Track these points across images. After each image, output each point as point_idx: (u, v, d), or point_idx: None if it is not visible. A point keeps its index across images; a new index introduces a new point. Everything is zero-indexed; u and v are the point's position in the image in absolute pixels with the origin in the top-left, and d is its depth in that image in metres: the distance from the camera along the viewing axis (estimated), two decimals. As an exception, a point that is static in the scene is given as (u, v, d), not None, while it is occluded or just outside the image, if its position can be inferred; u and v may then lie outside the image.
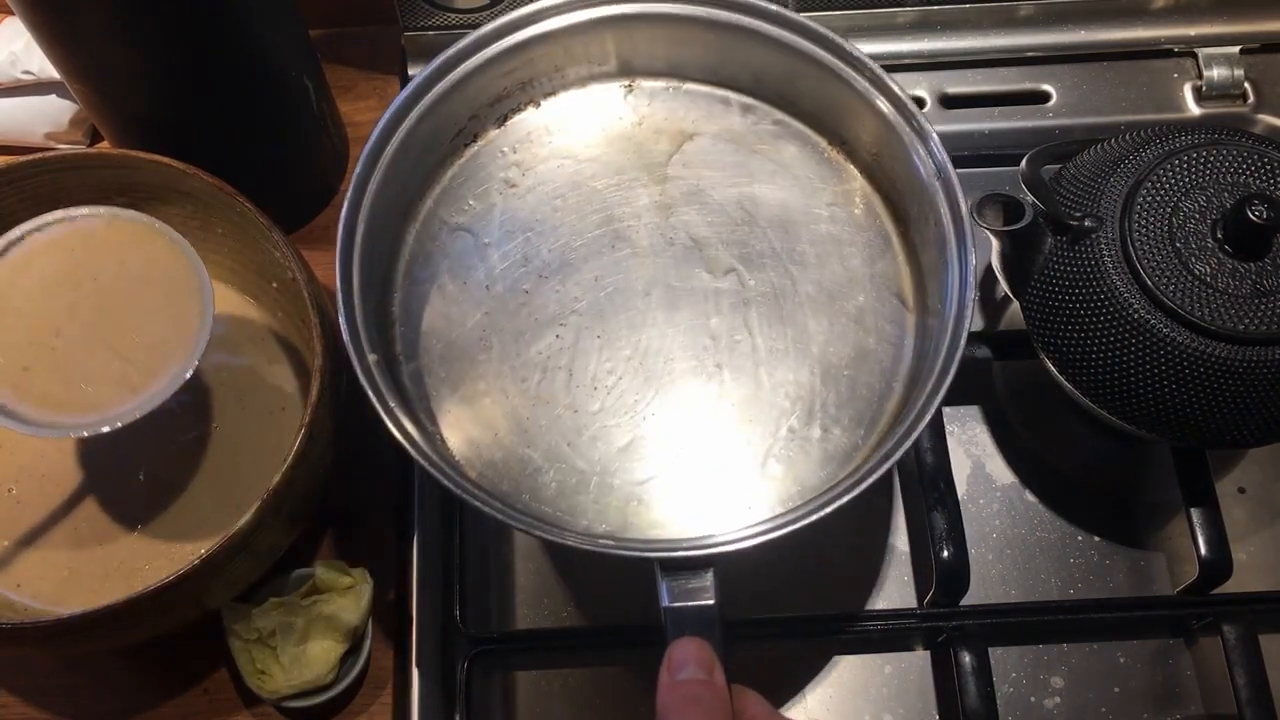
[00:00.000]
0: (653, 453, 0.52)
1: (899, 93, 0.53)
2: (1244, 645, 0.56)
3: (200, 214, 0.59)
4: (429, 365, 0.53)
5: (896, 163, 0.55)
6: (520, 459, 0.51)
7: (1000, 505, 0.63)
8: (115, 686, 0.59)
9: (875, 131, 0.55)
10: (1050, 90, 0.73)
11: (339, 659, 0.55)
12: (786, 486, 0.51)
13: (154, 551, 0.57)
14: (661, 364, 0.53)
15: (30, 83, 0.69)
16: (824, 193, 0.57)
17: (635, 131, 0.58)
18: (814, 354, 0.53)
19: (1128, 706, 0.58)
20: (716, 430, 0.52)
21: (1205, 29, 0.73)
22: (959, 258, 0.51)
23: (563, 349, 0.53)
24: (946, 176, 0.52)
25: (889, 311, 0.54)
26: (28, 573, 0.57)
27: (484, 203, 0.57)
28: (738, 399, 0.53)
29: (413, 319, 0.54)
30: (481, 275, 0.55)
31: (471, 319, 0.54)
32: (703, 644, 0.42)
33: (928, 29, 0.73)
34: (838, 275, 0.55)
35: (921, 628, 0.59)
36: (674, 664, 0.41)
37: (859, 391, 0.53)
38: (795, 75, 0.57)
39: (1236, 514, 0.62)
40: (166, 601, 0.50)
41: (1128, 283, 0.53)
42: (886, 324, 0.54)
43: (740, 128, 0.58)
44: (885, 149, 0.55)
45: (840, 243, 0.56)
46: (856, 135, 0.57)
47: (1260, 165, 0.54)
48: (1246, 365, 0.51)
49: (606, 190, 0.57)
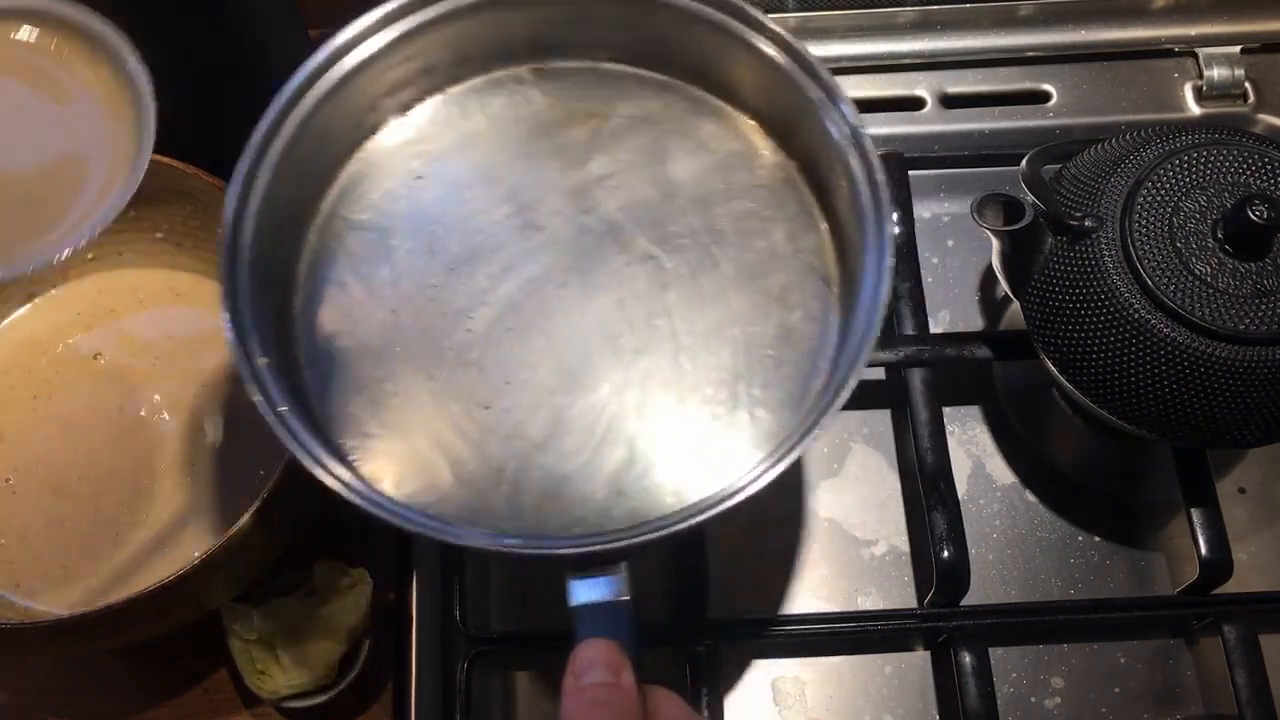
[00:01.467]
0: (570, 446, 0.49)
1: (809, 58, 0.51)
2: (1244, 645, 0.56)
3: (200, 214, 0.59)
4: (333, 368, 0.50)
5: (813, 135, 0.52)
6: (429, 460, 0.49)
7: (1000, 505, 0.63)
8: (115, 687, 0.59)
9: (789, 102, 0.53)
10: (1050, 90, 0.73)
11: (339, 659, 0.55)
12: (713, 473, 0.48)
13: (150, 552, 0.57)
14: (577, 353, 0.51)
15: (30, 82, 0.69)
16: (743, 169, 0.55)
17: (547, 115, 0.55)
18: (736, 336, 0.51)
19: (1128, 707, 0.58)
20: (637, 419, 0.50)
21: (1206, 29, 0.73)
22: (876, 226, 0.48)
23: (473, 343, 0.51)
24: (859, 141, 0.49)
25: (813, 288, 0.52)
26: (26, 572, 0.57)
27: (388, 197, 0.54)
28: (657, 386, 0.50)
29: (315, 321, 0.51)
30: (387, 272, 0.52)
31: (377, 317, 0.51)
32: (610, 644, 0.40)
33: (928, 29, 0.73)
34: (760, 253, 0.53)
35: (921, 628, 0.59)
36: (578, 667, 0.40)
37: (784, 371, 0.50)
38: (709, 50, 0.54)
39: (1237, 514, 0.62)
40: (166, 602, 0.50)
41: (1128, 283, 0.53)
42: (811, 300, 0.52)
43: (656, 107, 0.56)
44: (800, 120, 0.53)
45: (762, 219, 0.53)
46: (773, 108, 0.55)
47: (1261, 165, 0.54)
48: (1247, 365, 0.51)
49: (517, 178, 0.54)
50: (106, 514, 0.58)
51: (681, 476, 0.49)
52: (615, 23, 0.55)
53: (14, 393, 0.61)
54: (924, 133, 0.71)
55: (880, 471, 0.64)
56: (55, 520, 0.58)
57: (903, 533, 0.62)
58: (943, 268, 0.69)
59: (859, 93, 0.72)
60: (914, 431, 0.60)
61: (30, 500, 0.59)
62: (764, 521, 0.62)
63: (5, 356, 0.63)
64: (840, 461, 0.64)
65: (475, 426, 0.49)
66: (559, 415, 0.50)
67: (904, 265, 0.64)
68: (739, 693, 0.58)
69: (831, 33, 0.72)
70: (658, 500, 0.48)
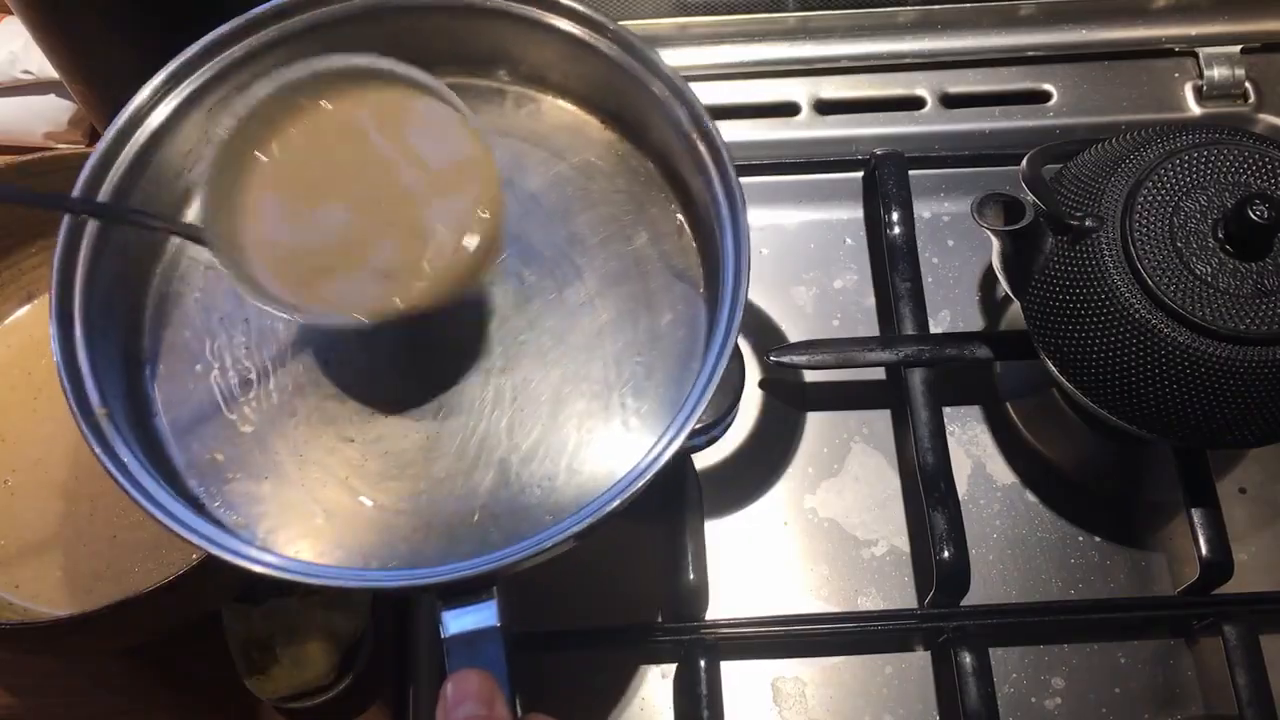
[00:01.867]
0: (441, 473, 0.47)
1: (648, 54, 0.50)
2: (1245, 645, 0.56)
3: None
4: (188, 413, 0.48)
5: (663, 132, 0.51)
6: (294, 501, 0.47)
7: (1001, 505, 0.63)
8: (114, 687, 0.59)
9: (636, 100, 0.52)
10: (1051, 90, 0.73)
11: (338, 659, 0.55)
12: (593, 487, 0.47)
13: (149, 552, 0.57)
14: (442, 377, 0.49)
15: (30, 82, 0.69)
16: (602, 175, 0.53)
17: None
18: (605, 346, 0.50)
19: (1128, 707, 0.58)
20: (507, 440, 0.48)
21: (1206, 28, 0.73)
22: (731, 219, 0.48)
23: (333, 372, 0.49)
24: (705, 130, 0.48)
25: (680, 290, 0.51)
26: (26, 572, 0.57)
27: None
28: (527, 403, 0.49)
29: (166, 364, 0.49)
30: (240, 311, 0.50)
31: (230, 358, 0.49)
32: (483, 675, 0.40)
33: (928, 29, 0.73)
34: (624, 258, 0.51)
35: (922, 628, 0.59)
36: (450, 701, 0.39)
37: (656, 378, 0.49)
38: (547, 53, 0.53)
39: (1237, 514, 0.62)
40: (165, 602, 0.50)
41: (1128, 283, 0.53)
42: (679, 303, 0.50)
43: (510, 117, 0.54)
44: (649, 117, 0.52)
45: (622, 224, 0.52)
46: (622, 107, 0.54)
47: (1261, 165, 0.54)
48: (1247, 365, 0.51)
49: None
50: (105, 514, 0.58)
51: (556, 493, 0.47)
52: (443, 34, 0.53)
53: (14, 393, 0.61)
54: (924, 133, 0.71)
55: (880, 471, 0.64)
56: (55, 521, 0.58)
57: (903, 533, 0.62)
58: (943, 268, 0.69)
59: (859, 93, 0.72)
60: (914, 431, 0.60)
61: (30, 500, 0.59)
62: (764, 521, 0.62)
63: (5, 356, 0.63)
64: (840, 461, 0.64)
65: (342, 463, 0.47)
66: (428, 442, 0.48)
67: (904, 265, 0.64)
68: (739, 693, 0.58)
69: (831, 33, 0.72)
70: (534, 520, 0.46)
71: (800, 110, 0.72)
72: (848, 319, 0.67)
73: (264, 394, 0.49)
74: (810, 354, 0.62)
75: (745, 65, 0.72)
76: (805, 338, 0.63)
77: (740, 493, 0.63)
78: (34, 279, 0.64)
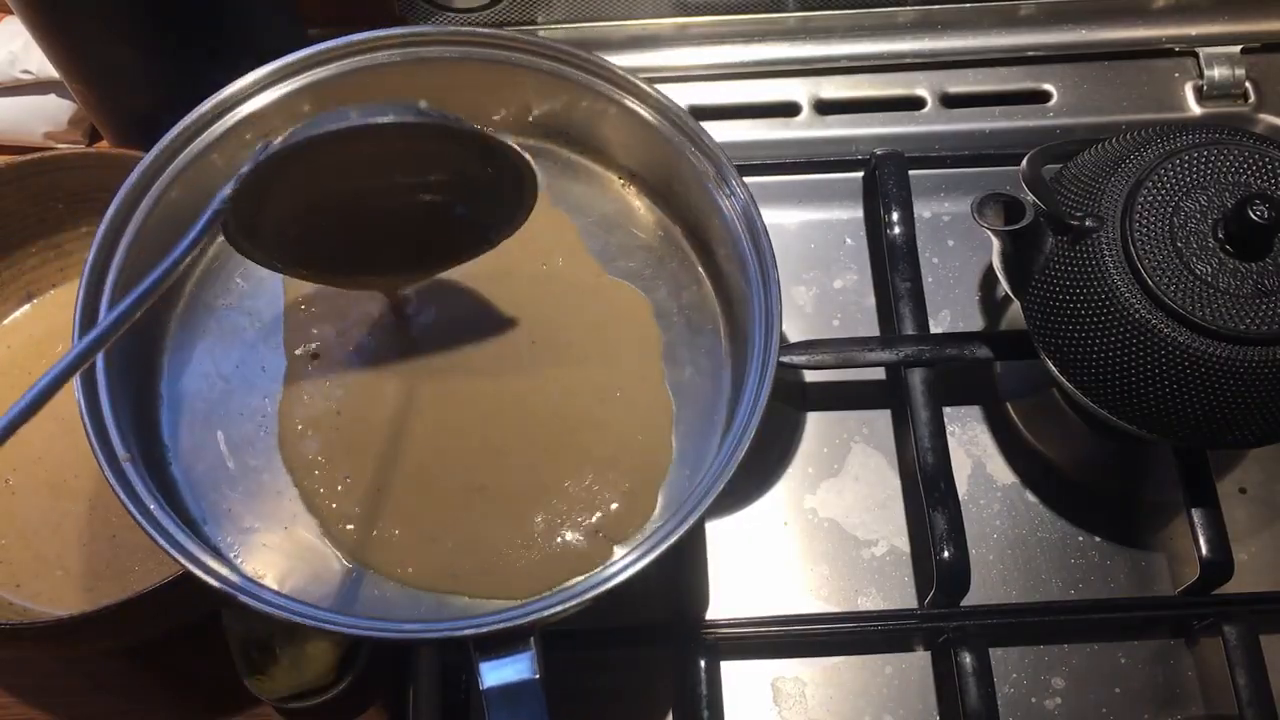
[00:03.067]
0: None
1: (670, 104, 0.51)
2: (1245, 646, 0.56)
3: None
4: (204, 458, 0.49)
5: (688, 189, 0.52)
6: (314, 548, 0.47)
7: (1001, 505, 0.63)
8: (114, 687, 0.59)
9: (651, 153, 0.53)
10: (1051, 90, 0.73)
11: (338, 659, 0.55)
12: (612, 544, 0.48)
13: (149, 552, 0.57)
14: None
15: (29, 82, 0.69)
16: (620, 230, 0.54)
17: None
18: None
19: (1129, 707, 0.58)
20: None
21: (1206, 28, 0.73)
22: (760, 273, 0.48)
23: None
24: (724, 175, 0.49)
25: (704, 343, 0.52)
26: (26, 572, 0.57)
27: (252, 280, 0.52)
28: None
29: (182, 410, 0.50)
30: (255, 359, 0.51)
31: (247, 405, 0.50)
32: None
33: (928, 29, 0.73)
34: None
35: (922, 628, 0.59)
36: None
37: (681, 429, 0.50)
38: (565, 106, 0.54)
39: (1237, 514, 0.62)
40: (165, 602, 0.50)
41: (1128, 283, 0.53)
42: (702, 357, 0.52)
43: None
44: (680, 182, 0.53)
45: (644, 279, 0.54)
46: (640, 163, 0.55)
47: (1261, 165, 0.54)
48: (1248, 365, 0.51)
49: None
50: (105, 514, 0.58)
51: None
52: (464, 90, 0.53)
53: (14, 392, 0.61)
54: (924, 133, 0.71)
55: (880, 471, 0.64)
56: (55, 520, 0.58)
57: (903, 533, 0.62)
58: (943, 268, 0.69)
59: (859, 93, 0.72)
60: (914, 431, 0.60)
61: (30, 500, 0.59)
62: (764, 521, 0.62)
63: (5, 356, 0.63)
64: (840, 461, 0.64)
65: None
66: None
67: (904, 265, 0.64)
68: (739, 693, 0.58)
69: (832, 33, 0.72)
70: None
71: (800, 110, 0.72)
72: (848, 319, 0.67)
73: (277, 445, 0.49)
74: (810, 354, 0.62)
75: (745, 65, 0.72)
76: (805, 338, 0.63)
77: (740, 493, 0.63)
78: (34, 279, 0.64)
